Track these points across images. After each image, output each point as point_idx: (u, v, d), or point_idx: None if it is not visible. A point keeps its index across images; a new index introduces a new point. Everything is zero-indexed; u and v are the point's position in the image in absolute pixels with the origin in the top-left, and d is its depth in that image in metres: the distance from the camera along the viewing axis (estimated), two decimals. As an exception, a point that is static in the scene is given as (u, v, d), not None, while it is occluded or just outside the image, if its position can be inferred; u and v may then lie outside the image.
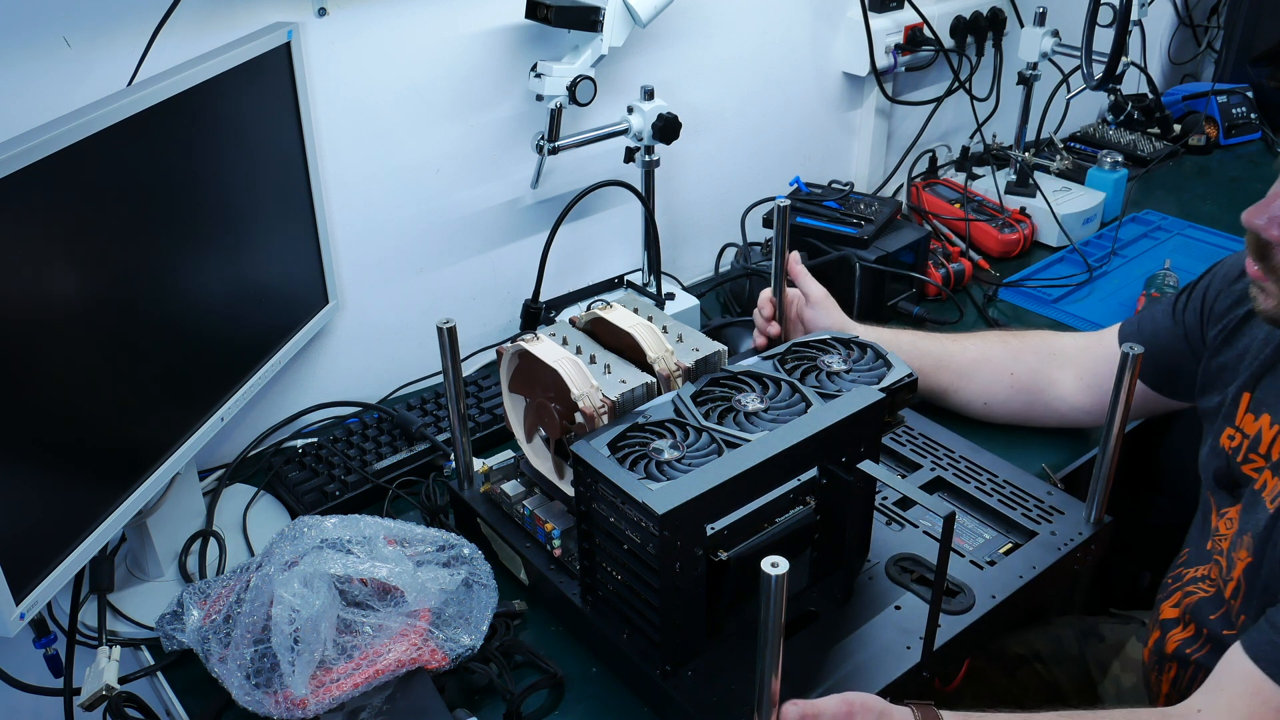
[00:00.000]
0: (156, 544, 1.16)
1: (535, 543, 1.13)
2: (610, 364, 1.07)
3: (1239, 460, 1.07)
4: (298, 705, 0.95)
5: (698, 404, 1.02)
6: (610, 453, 0.95)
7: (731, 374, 1.07)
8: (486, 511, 1.17)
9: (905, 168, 2.02)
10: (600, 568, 1.01)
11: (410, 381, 1.53)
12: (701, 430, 0.98)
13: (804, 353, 1.11)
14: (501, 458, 1.20)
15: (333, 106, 1.32)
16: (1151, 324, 1.22)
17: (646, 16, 1.40)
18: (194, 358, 1.13)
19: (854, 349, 1.11)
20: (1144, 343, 1.17)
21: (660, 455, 0.96)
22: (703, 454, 0.96)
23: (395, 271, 1.48)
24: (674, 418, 1.01)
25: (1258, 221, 0.94)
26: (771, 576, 0.74)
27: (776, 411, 1.01)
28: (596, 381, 1.04)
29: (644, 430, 0.99)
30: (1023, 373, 1.31)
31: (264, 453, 1.38)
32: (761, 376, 1.06)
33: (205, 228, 1.11)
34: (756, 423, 1.00)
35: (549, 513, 1.12)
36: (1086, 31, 1.72)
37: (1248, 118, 2.32)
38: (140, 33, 1.13)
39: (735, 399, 1.03)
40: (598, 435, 0.98)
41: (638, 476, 0.92)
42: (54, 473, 0.97)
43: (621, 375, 1.06)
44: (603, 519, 0.96)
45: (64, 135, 0.89)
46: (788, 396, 1.03)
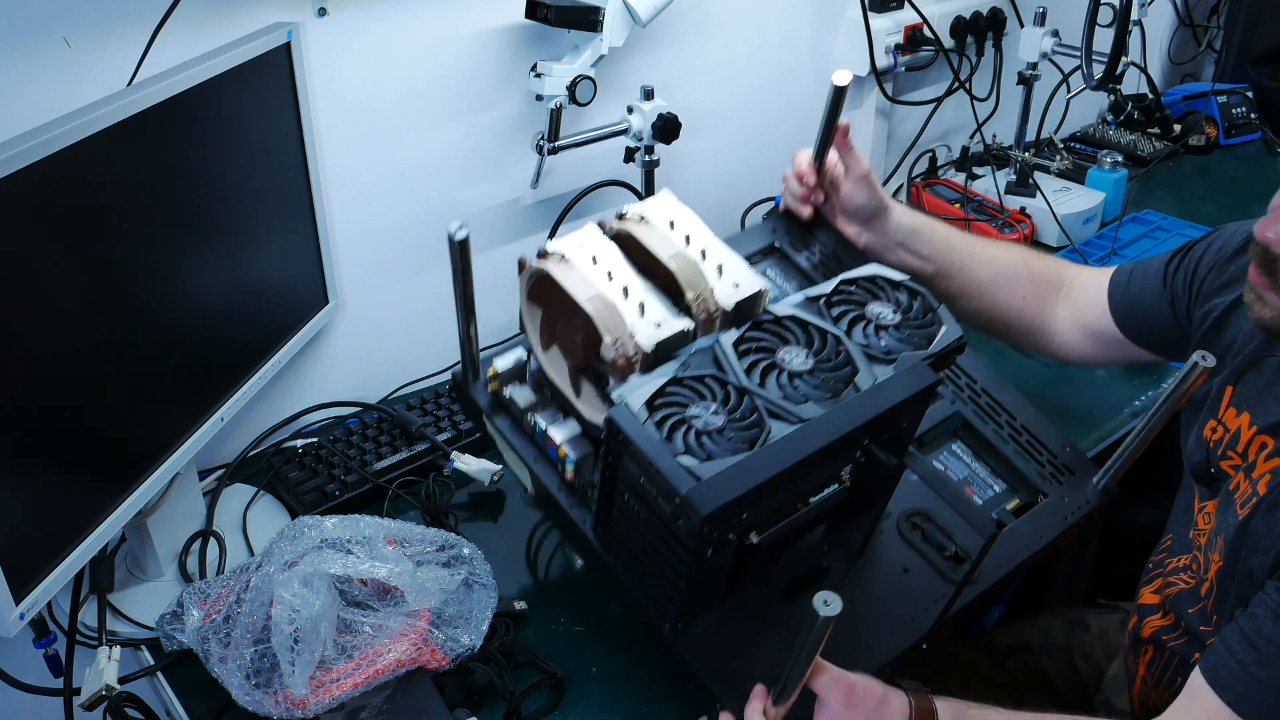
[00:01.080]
0: (156, 544, 1.16)
1: (546, 459, 1.03)
2: (645, 301, 0.94)
3: (1219, 455, 1.06)
4: (298, 705, 0.95)
5: (739, 354, 0.93)
6: (647, 414, 0.87)
7: (775, 318, 0.97)
8: (493, 411, 1.07)
9: (905, 168, 2.02)
10: (620, 520, 0.95)
11: (410, 381, 1.53)
12: (744, 392, 0.90)
13: (851, 294, 1.01)
14: (511, 357, 1.08)
15: (333, 106, 1.32)
16: (1142, 279, 1.21)
17: (646, 16, 1.40)
18: (194, 358, 1.13)
19: (903, 293, 1.01)
20: (1131, 296, 1.21)
21: (699, 423, 0.87)
22: (745, 426, 0.88)
23: (395, 271, 1.48)
24: (714, 373, 0.92)
25: (1269, 235, 0.92)
26: (820, 616, 0.74)
27: (823, 374, 0.93)
28: (630, 323, 0.92)
29: (682, 385, 0.90)
30: (1034, 300, 1.28)
31: (264, 453, 1.38)
32: (807, 325, 0.96)
33: (205, 228, 1.11)
34: (801, 387, 0.92)
35: (563, 432, 1.02)
36: (1086, 31, 1.72)
37: (1248, 118, 2.32)
38: (140, 33, 1.13)
39: (780, 354, 0.94)
40: (633, 391, 0.88)
41: (676, 450, 0.85)
42: (54, 473, 0.97)
43: (656, 317, 0.94)
44: (632, 480, 0.90)
45: (64, 135, 0.89)
46: (833, 354, 0.95)
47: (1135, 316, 1.21)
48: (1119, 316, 1.22)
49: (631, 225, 0.98)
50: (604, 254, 0.97)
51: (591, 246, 0.97)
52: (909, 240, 1.20)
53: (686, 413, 0.88)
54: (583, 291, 0.92)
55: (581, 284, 0.93)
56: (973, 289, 1.26)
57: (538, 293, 1.00)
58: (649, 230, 0.98)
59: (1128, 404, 1.44)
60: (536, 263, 0.96)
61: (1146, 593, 1.18)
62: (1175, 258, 1.19)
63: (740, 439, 0.87)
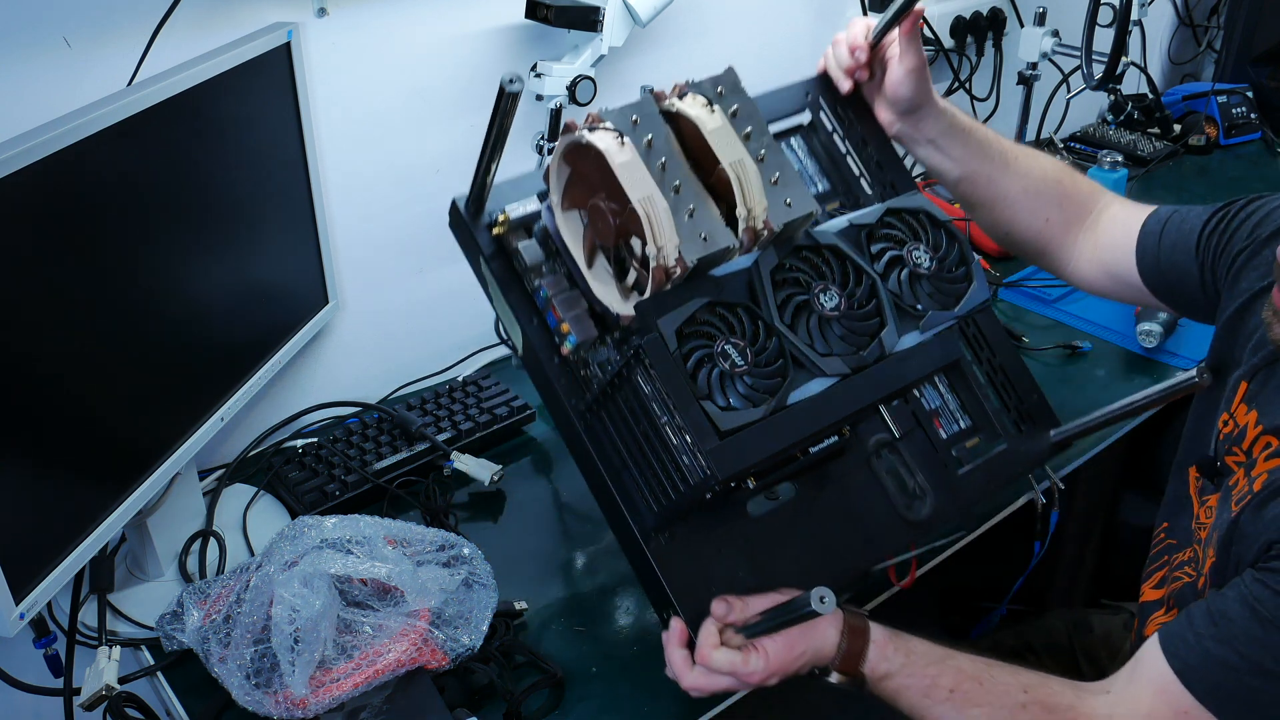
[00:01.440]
0: (156, 544, 1.16)
1: (544, 327, 1.00)
2: (694, 207, 0.91)
3: (1226, 449, 1.06)
4: (298, 705, 0.95)
5: (776, 284, 0.93)
6: (677, 343, 0.87)
7: (817, 246, 0.96)
8: (494, 258, 1.01)
9: (905, 168, 2.02)
10: (616, 421, 0.95)
11: (410, 381, 1.53)
12: (772, 332, 0.91)
13: (894, 228, 1.01)
14: (526, 207, 1.02)
15: (333, 106, 1.32)
16: (1175, 235, 1.15)
17: (646, 16, 1.40)
18: (194, 358, 1.13)
19: (943, 235, 1.02)
20: (1161, 251, 1.16)
21: (725, 363, 0.88)
22: (769, 373, 0.89)
23: (395, 271, 1.48)
24: (748, 304, 0.92)
25: None
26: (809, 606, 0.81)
27: (851, 322, 0.94)
28: (676, 226, 0.89)
29: (714, 314, 0.90)
30: (1057, 223, 1.23)
31: (264, 453, 1.38)
32: (846, 259, 0.96)
33: (205, 228, 1.11)
34: (829, 336, 0.93)
35: (568, 306, 0.98)
36: (1086, 31, 1.72)
37: (1248, 118, 2.32)
38: (140, 33, 1.13)
39: (815, 293, 0.94)
40: (667, 316, 0.88)
41: (700, 393, 0.86)
42: (54, 472, 0.97)
43: (704, 227, 0.90)
44: (644, 400, 0.90)
45: (64, 135, 0.89)
46: (865, 298, 0.95)
47: (1162, 272, 1.16)
48: (1144, 267, 1.18)
49: (694, 110, 0.92)
50: (659, 140, 0.92)
51: (647, 127, 0.92)
52: (941, 140, 1.17)
53: (714, 348, 0.88)
54: (637, 189, 0.88)
55: (637, 177, 0.88)
56: (997, 200, 1.22)
57: (575, 156, 0.95)
58: (714, 123, 0.92)
59: (1128, 404, 1.44)
60: (589, 136, 0.90)
61: (1147, 589, 1.18)
62: (1212, 221, 1.13)
63: (763, 386, 0.88)
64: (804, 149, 1.18)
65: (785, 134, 1.17)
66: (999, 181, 1.20)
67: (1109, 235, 1.22)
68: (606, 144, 0.89)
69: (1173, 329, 1.55)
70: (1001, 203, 1.22)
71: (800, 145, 1.18)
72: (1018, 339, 1.59)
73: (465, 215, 1.02)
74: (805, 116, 1.18)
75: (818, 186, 1.18)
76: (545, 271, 1.01)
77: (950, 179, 1.21)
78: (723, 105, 0.94)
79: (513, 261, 1.02)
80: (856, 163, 1.18)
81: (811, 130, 1.18)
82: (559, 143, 0.94)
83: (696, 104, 0.93)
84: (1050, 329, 1.63)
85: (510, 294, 1.01)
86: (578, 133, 0.91)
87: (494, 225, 1.01)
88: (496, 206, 1.01)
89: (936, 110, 1.16)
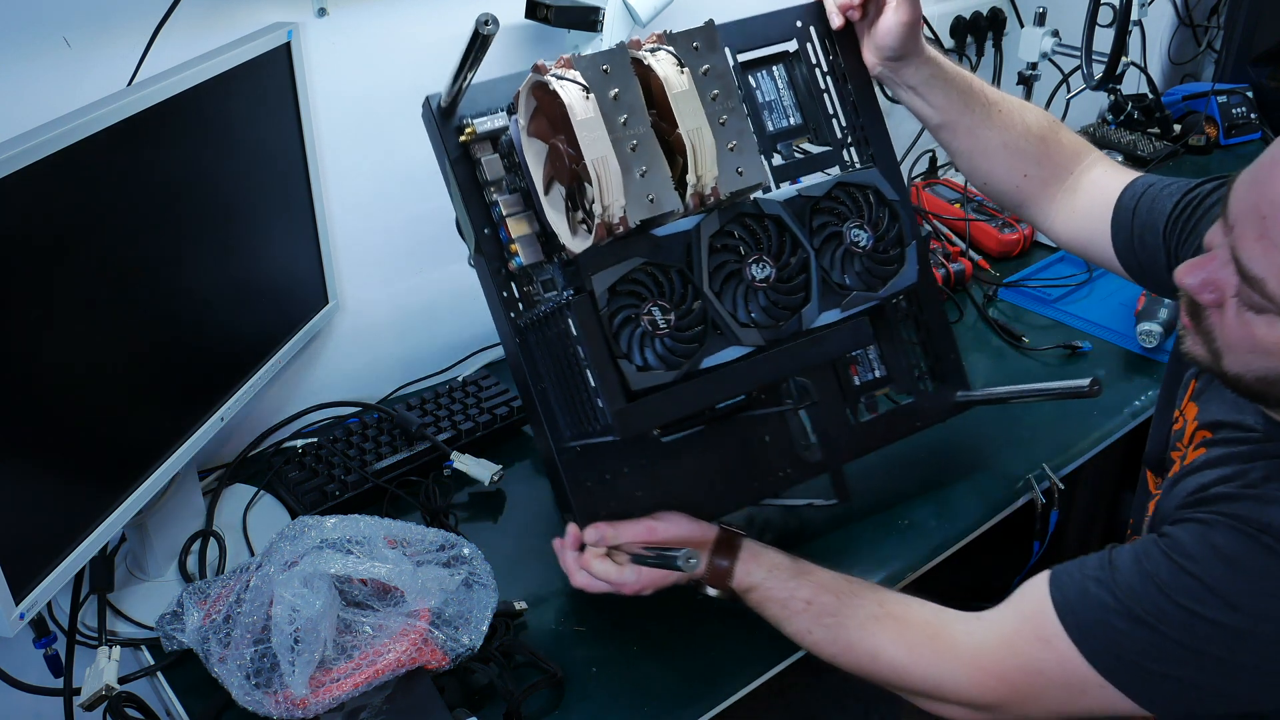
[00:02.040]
0: (156, 544, 1.16)
1: (495, 239, 1.05)
2: (647, 168, 0.94)
3: (1171, 444, 1.07)
4: (298, 705, 0.95)
5: (713, 248, 0.98)
6: (608, 300, 0.93)
7: (760, 214, 1.00)
8: (457, 164, 1.06)
9: (905, 167, 2.01)
10: (544, 350, 1.02)
11: (410, 381, 1.53)
12: (700, 297, 0.96)
13: (840, 204, 1.05)
14: (494, 122, 1.05)
15: (333, 106, 1.32)
16: (1148, 214, 1.15)
17: (646, 16, 1.40)
18: (194, 358, 1.13)
19: (885, 214, 1.06)
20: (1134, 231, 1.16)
21: (647, 321, 0.94)
22: (687, 338, 0.96)
23: (395, 271, 1.48)
24: (682, 268, 0.96)
25: (1189, 281, 0.88)
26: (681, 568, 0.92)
27: (776, 295, 0.99)
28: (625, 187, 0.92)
29: (649, 272, 0.95)
30: (1035, 179, 1.23)
31: (264, 453, 1.38)
32: (786, 230, 1.01)
33: (205, 228, 1.11)
34: (754, 305, 0.98)
35: (520, 227, 1.04)
36: (1086, 31, 1.72)
37: (1248, 118, 2.32)
38: (140, 33, 1.13)
39: (748, 262, 0.98)
40: (602, 273, 0.93)
41: (619, 352, 0.93)
42: (54, 473, 0.97)
43: (653, 189, 0.94)
44: (569, 343, 0.96)
45: (64, 135, 0.89)
46: (794, 273, 1.00)
47: (1134, 251, 1.16)
48: (1118, 243, 1.18)
49: (664, 68, 0.94)
50: (626, 94, 0.94)
51: (617, 78, 0.94)
52: (922, 88, 1.18)
53: (640, 310, 0.95)
54: (592, 149, 0.91)
55: (594, 136, 0.91)
56: (975, 151, 1.23)
57: (542, 94, 0.96)
58: (680, 86, 0.95)
59: (1127, 404, 1.44)
60: (556, 84, 0.92)
61: None
62: (1179, 206, 1.12)
63: (680, 350, 0.95)
64: (784, 79, 1.21)
65: (770, 60, 1.21)
66: (978, 133, 1.21)
67: (1087, 199, 1.22)
68: (571, 97, 0.91)
69: (1172, 329, 1.55)
70: (980, 154, 1.23)
71: (781, 74, 1.21)
72: (1018, 339, 1.59)
73: (435, 115, 1.06)
74: (792, 45, 1.20)
75: (790, 120, 1.21)
76: (504, 187, 1.05)
77: (931, 124, 1.22)
78: (695, 64, 0.97)
79: (474, 171, 1.06)
80: (833, 100, 1.22)
81: (795, 59, 1.21)
82: (528, 78, 0.96)
83: (668, 62, 0.95)
84: (1050, 329, 1.63)
85: (469, 202, 1.06)
86: (547, 75, 0.93)
87: (462, 131, 1.05)
88: (470, 110, 1.05)
89: (921, 59, 1.16)
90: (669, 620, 1.11)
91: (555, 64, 0.95)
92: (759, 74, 1.21)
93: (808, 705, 1.69)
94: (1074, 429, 1.39)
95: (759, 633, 1.06)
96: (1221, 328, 0.88)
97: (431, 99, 1.06)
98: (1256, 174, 0.84)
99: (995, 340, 1.61)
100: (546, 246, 1.05)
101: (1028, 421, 1.40)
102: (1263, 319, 0.83)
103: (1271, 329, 0.83)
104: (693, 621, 1.10)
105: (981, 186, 1.28)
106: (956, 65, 1.21)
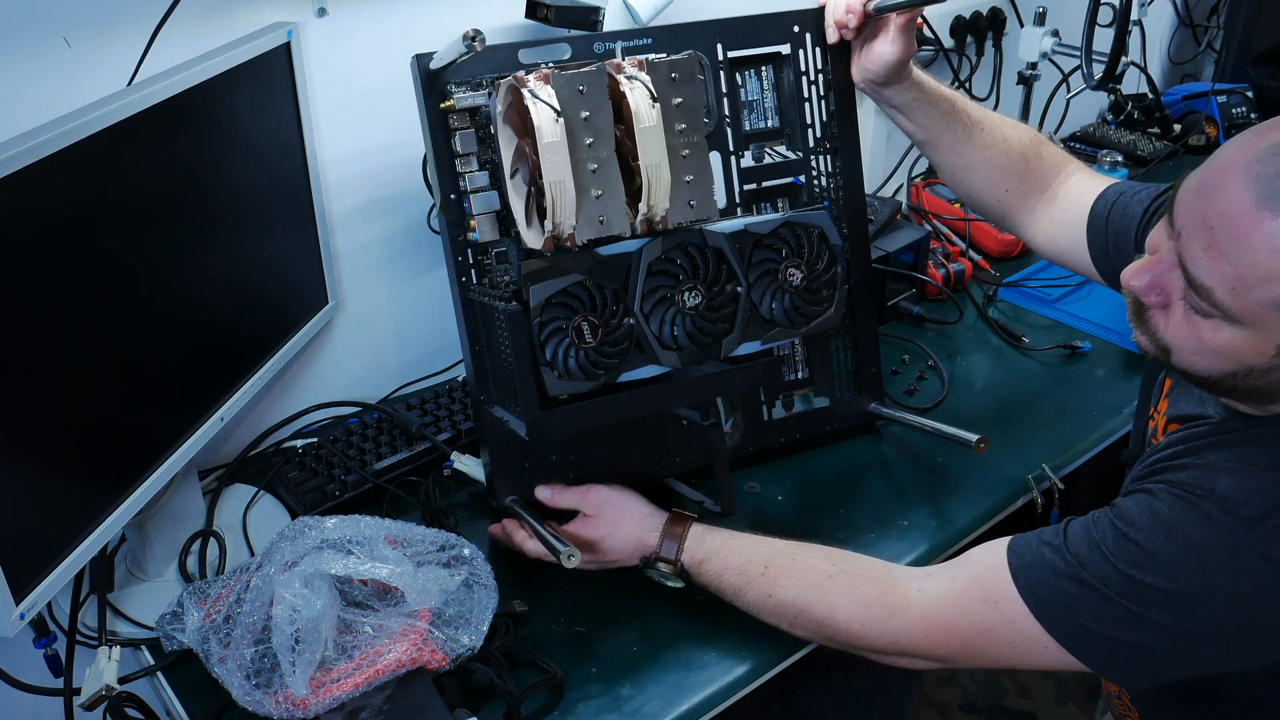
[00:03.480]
0: (156, 544, 1.16)
1: (458, 206, 1.11)
2: (604, 192, 1.01)
3: (1150, 441, 1.08)
4: (298, 705, 0.95)
5: (652, 273, 1.05)
6: (541, 312, 1.01)
7: (702, 245, 1.08)
8: (436, 127, 1.10)
9: (905, 167, 2.01)
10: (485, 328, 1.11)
11: (410, 381, 1.53)
12: (629, 314, 1.05)
13: (783, 239, 1.12)
14: (475, 99, 1.08)
15: (333, 106, 1.32)
16: (1120, 220, 1.18)
17: (646, 16, 1.40)
18: (194, 358, 1.13)
19: (825, 258, 1.13)
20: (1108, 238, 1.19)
21: (575, 334, 1.03)
22: (610, 354, 1.04)
23: (395, 272, 1.48)
24: (618, 287, 1.04)
25: (1135, 284, 0.90)
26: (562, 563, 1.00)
27: (704, 323, 1.08)
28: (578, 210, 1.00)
29: (587, 288, 1.03)
30: (1016, 194, 1.27)
31: (264, 453, 1.38)
32: (724, 263, 1.09)
33: (205, 228, 1.11)
34: (678, 330, 1.07)
35: (482, 204, 1.09)
36: (1086, 31, 1.72)
37: (1248, 118, 2.32)
38: (140, 33, 1.13)
39: (681, 289, 1.06)
40: (540, 285, 1.01)
41: (543, 361, 1.02)
42: (54, 473, 0.97)
43: (606, 212, 1.02)
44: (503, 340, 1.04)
45: (64, 135, 0.89)
46: (723, 304, 1.08)
47: (1108, 256, 1.19)
48: (1094, 251, 1.21)
49: (636, 101, 1.01)
50: (597, 118, 1.01)
51: (591, 101, 1.00)
52: (905, 109, 1.22)
53: (570, 322, 1.03)
54: (553, 172, 0.98)
55: (555, 160, 0.98)
56: (957, 166, 1.27)
57: (518, 99, 1.01)
58: (647, 122, 1.01)
59: (1127, 404, 1.44)
60: (529, 101, 0.98)
61: None
62: (1149, 211, 1.15)
63: (602, 363, 1.04)
64: (770, 80, 1.25)
65: (761, 60, 1.24)
66: (960, 150, 1.25)
67: (1064, 208, 1.25)
68: (541, 120, 0.97)
69: (1173, 329, 1.55)
70: (962, 169, 1.27)
71: (769, 76, 1.25)
72: (1018, 339, 1.59)
73: (420, 77, 1.09)
74: (785, 48, 1.24)
75: (768, 122, 1.26)
76: (474, 163, 1.10)
77: (914, 139, 1.27)
78: (669, 94, 1.03)
79: (449, 141, 1.10)
80: (812, 109, 1.26)
81: (784, 62, 1.24)
82: (507, 81, 1.01)
83: (642, 94, 1.01)
84: (1050, 329, 1.63)
85: (441, 165, 1.10)
86: (525, 88, 0.99)
87: (444, 99, 1.09)
88: (456, 75, 1.09)
89: (905, 84, 1.20)
90: (669, 620, 1.11)
91: (535, 75, 0.99)
92: (747, 72, 1.23)
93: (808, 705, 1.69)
94: (1074, 429, 1.39)
95: (759, 633, 1.06)
96: (1167, 327, 0.89)
97: (421, 60, 1.08)
98: (1203, 181, 0.84)
99: (995, 340, 1.61)
100: (504, 224, 1.09)
101: (1028, 421, 1.41)
102: (1209, 322, 0.85)
103: (1218, 332, 0.84)
104: (693, 622, 1.11)
105: (965, 199, 1.33)
106: (939, 85, 1.24)
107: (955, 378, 1.50)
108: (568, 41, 1.14)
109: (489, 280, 1.14)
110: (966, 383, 1.50)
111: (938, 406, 1.43)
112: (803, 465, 1.33)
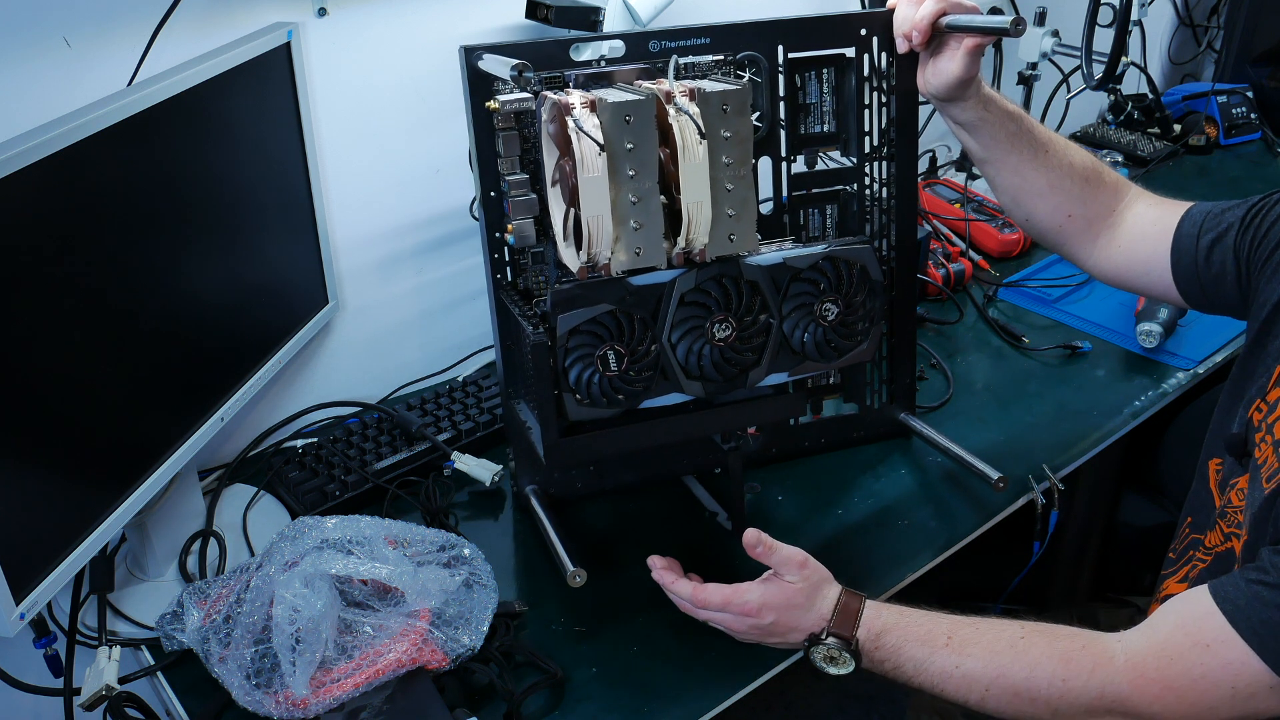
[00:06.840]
0: (156, 544, 1.16)
1: (497, 205, 1.10)
2: (643, 224, 0.97)
3: (1257, 430, 1.05)
4: (298, 705, 0.95)
5: (684, 303, 1.02)
6: (568, 339, 0.99)
7: (738, 277, 1.03)
8: (481, 125, 1.08)
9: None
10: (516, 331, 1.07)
11: (410, 381, 1.53)
12: (656, 343, 1.02)
13: (823, 273, 1.07)
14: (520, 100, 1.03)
15: (333, 107, 1.32)
16: (1213, 234, 1.14)
17: (646, 16, 1.40)
18: (194, 358, 1.13)
19: (863, 296, 1.09)
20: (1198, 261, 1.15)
21: (604, 365, 1.01)
22: (635, 380, 1.02)
23: (395, 271, 1.48)
24: (647, 315, 1.01)
25: None
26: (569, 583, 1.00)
27: (732, 354, 1.05)
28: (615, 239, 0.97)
29: (616, 317, 1.00)
30: (1079, 221, 1.23)
31: (264, 453, 1.38)
32: (760, 294, 1.04)
33: (205, 228, 1.11)
34: (704, 362, 1.04)
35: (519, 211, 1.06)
36: (1086, 31, 1.72)
37: (1248, 118, 2.32)
38: (140, 33, 1.13)
39: (712, 320, 1.03)
40: (569, 313, 0.98)
41: (567, 387, 1.00)
42: (54, 473, 0.97)
43: (643, 243, 0.98)
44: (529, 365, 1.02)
45: (64, 135, 0.89)
46: (752, 336, 1.05)
47: (1199, 275, 1.15)
48: (1180, 271, 1.17)
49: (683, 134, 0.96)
50: (641, 149, 0.96)
51: (638, 132, 0.95)
52: (970, 126, 1.19)
53: (596, 350, 1.00)
54: (591, 206, 0.95)
55: (595, 194, 0.95)
56: (1019, 189, 1.23)
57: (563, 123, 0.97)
58: (693, 159, 0.96)
59: (1127, 404, 1.44)
60: (573, 130, 0.94)
61: (1172, 583, 1.17)
62: (1248, 217, 1.12)
63: (627, 392, 1.02)
64: (831, 84, 1.22)
65: (823, 61, 1.21)
66: (1024, 172, 1.21)
67: (1136, 232, 1.21)
68: (583, 151, 0.94)
69: (1172, 329, 1.55)
70: (1024, 193, 1.23)
71: (830, 79, 1.22)
72: (1018, 339, 1.59)
73: (466, 71, 1.07)
74: (850, 51, 1.20)
75: (825, 126, 1.23)
76: (515, 165, 1.06)
77: (975, 158, 1.23)
78: (718, 126, 0.98)
79: (492, 139, 1.08)
80: (872, 115, 1.22)
81: (847, 66, 1.21)
82: (555, 100, 0.97)
83: (690, 129, 0.96)
84: (1050, 329, 1.63)
85: (482, 162, 1.10)
86: (570, 116, 0.95)
87: (489, 98, 1.05)
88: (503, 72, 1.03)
89: (971, 102, 1.16)
90: (669, 620, 1.11)
91: (581, 99, 0.96)
92: (808, 74, 1.20)
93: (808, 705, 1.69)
94: (1074, 429, 1.39)
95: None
96: None
97: (471, 55, 1.06)
98: None
99: (995, 340, 1.61)
100: (542, 226, 1.07)
101: (1028, 421, 1.41)
102: None
103: None
104: (693, 621, 1.10)
105: (1023, 223, 1.28)
106: (1008, 103, 1.20)
107: (955, 378, 1.50)
108: (622, 38, 1.11)
109: (524, 281, 1.15)
110: (967, 383, 1.50)
111: (943, 406, 1.43)
112: (803, 466, 1.33)
